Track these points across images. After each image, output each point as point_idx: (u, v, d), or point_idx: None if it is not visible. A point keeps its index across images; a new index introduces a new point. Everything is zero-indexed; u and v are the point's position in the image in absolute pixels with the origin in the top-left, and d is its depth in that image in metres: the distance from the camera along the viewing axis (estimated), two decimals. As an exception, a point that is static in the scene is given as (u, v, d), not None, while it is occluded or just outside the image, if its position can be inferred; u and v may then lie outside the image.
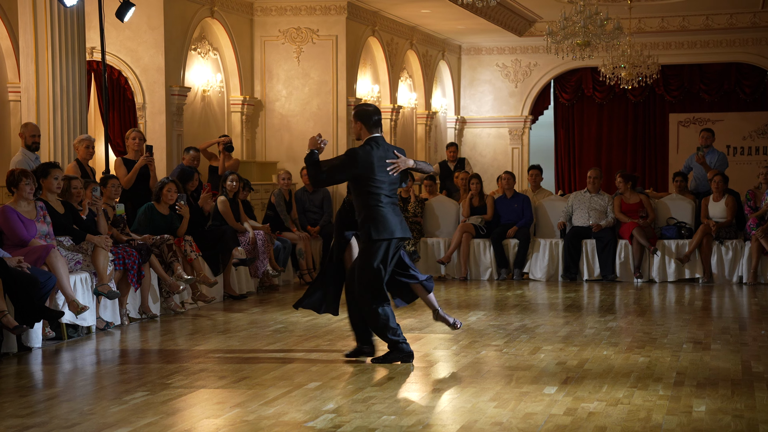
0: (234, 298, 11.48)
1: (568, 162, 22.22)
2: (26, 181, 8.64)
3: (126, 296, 9.62)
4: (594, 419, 5.76)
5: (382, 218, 7.37)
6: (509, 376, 7.02)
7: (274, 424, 5.67)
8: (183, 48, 14.39)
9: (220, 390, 6.61)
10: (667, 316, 10.29)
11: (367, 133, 7.52)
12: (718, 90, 21.04)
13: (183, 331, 9.33)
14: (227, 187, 12.10)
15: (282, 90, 16.35)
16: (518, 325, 9.44)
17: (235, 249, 11.53)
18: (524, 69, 21.60)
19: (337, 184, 7.84)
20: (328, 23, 16.17)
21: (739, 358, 7.70)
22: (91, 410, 6.05)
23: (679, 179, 14.16)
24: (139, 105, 14.09)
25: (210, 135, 15.06)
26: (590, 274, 13.35)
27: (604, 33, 15.00)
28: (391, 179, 7.47)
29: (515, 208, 13.81)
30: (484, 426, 5.63)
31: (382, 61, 18.22)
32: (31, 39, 10.93)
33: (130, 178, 11.37)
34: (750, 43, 20.22)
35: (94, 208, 9.61)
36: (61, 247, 8.98)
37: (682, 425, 5.63)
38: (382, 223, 7.36)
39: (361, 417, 5.83)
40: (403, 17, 18.23)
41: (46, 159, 10.70)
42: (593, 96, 21.79)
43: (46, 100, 10.96)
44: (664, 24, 20.22)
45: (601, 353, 7.87)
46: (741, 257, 12.97)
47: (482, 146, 21.98)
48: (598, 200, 13.56)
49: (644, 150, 21.78)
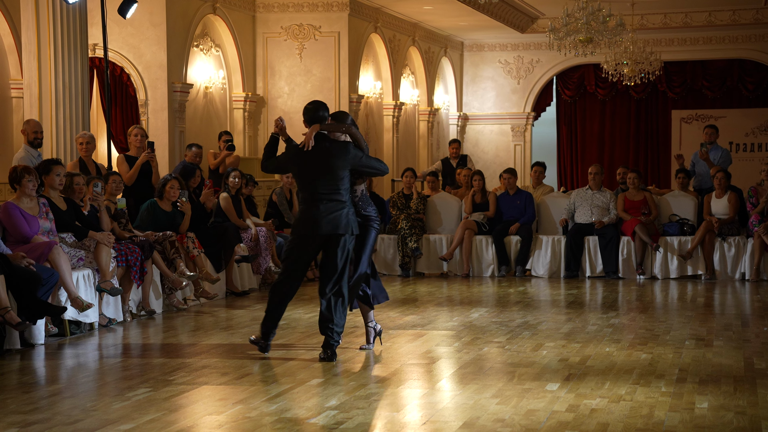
0: (236, 295, 11.49)
1: (571, 159, 22.21)
2: (29, 177, 8.64)
3: (128, 293, 9.63)
4: (596, 416, 5.76)
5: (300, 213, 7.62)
6: (511, 372, 7.02)
7: (277, 420, 5.68)
8: (185, 44, 14.39)
9: (223, 386, 6.61)
10: (670, 313, 10.28)
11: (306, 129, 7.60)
12: (720, 86, 21.03)
13: (185, 328, 9.34)
14: (229, 184, 12.09)
15: (284, 87, 16.35)
16: (520, 321, 9.44)
17: (238, 246, 11.53)
18: (527, 65, 21.60)
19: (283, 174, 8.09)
20: (331, 20, 16.17)
21: (742, 354, 7.70)
22: (94, 407, 6.05)
23: (682, 176, 14.15)
24: (142, 102, 14.10)
25: (212, 131, 15.06)
26: (593, 270, 13.34)
27: (606, 29, 14.99)
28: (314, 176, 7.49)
29: (517, 204, 13.80)
30: (486, 423, 5.63)
31: (384, 57, 18.21)
32: (33, 36, 10.94)
33: (132, 175, 11.37)
34: (753, 39, 20.20)
35: (95, 204, 9.61)
36: (64, 243, 8.98)
37: (685, 422, 5.63)
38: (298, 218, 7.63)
39: (364, 413, 5.83)
40: (405, 14, 18.22)
41: (48, 156, 10.71)
42: (596, 93, 21.78)
43: (48, 96, 10.96)
44: (666, 20, 20.21)
45: (604, 350, 7.87)
46: (743, 254, 12.96)
47: (485, 143, 21.98)
48: (600, 197, 13.55)
49: (647, 147, 21.78)
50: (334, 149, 7.49)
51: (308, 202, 7.52)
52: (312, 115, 7.56)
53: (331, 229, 7.44)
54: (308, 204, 7.52)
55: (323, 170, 7.47)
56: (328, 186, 7.47)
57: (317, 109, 7.57)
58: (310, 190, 7.51)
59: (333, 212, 7.45)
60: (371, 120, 17.93)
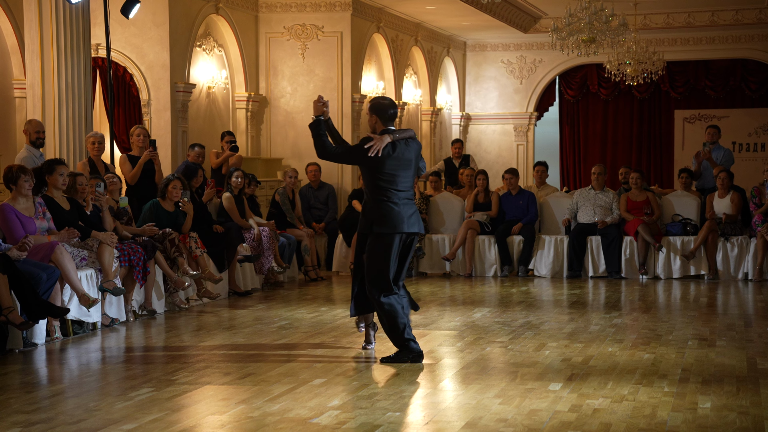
0: (239, 295, 11.49)
1: (573, 159, 22.20)
2: (25, 177, 8.60)
3: (131, 293, 9.63)
4: (599, 416, 5.76)
5: (387, 212, 7.35)
6: (514, 372, 7.02)
7: (279, 420, 5.68)
8: (188, 44, 14.39)
9: (225, 386, 6.62)
10: (673, 313, 10.28)
11: (382, 126, 7.49)
12: (723, 86, 21.00)
13: (188, 328, 9.34)
14: (232, 184, 12.10)
15: (287, 86, 16.35)
16: (523, 321, 9.43)
17: (240, 246, 11.54)
18: (529, 65, 21.58)
19: (342, 164, 7.78)
20: (333, 20, 16.17)
21: (745, 354, 7.69)
22: (97, 406, 6.05)
23: (685, 176, 14.14)
24: (144, 102, 14.11)
25: (215, 131, 15.07)
26: (595, 270, 13.34)
27: (609, 29, 14.98)
28: (404, 173, 7.40)
29: (520, 204, 13.80)
30: (488, 422, 5.62)
31: (386, 57, 18.21)
32: (36, 36, 10.94)
33: (135, 174, 11.39)
34: (756, 39, 20.18)
35: (98, 203, 9.61)
36: (66, 243, 8.98)
37: (687, 422, 5.63)
38: (387, 216, 7.34)
39: (366, 413, 5.83)
40: (408, 14, 18.22)
41: (51, 155, 10.71)
42: (598, 92, 21.76)
43: (51, 96, 10.97)
44: (669, 20, 20.19)
45: (606, 350, 7.87)
46: (746, 254, 12.95)
47: (487, 143, 21.97)
48: (603, 197, 13.55)
49: (649, 146, 21.76)
50: (415, 146, 7.51)
51: (394, 201, 7.37)
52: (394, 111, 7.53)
53: (417, 228, 7.47)
54: (395, 202, 7.37)
55: (408, 167, 7.44)
56: (409, 183, 7.48)
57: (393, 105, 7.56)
58: (395, 187, 7.39)
59: (415, 210, 7.52)
60: (374, 120, 17.93)
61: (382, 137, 7.35)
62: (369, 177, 7.40)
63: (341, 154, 7.51)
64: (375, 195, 7.37)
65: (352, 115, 16.22)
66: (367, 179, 7.44)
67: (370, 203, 7.42)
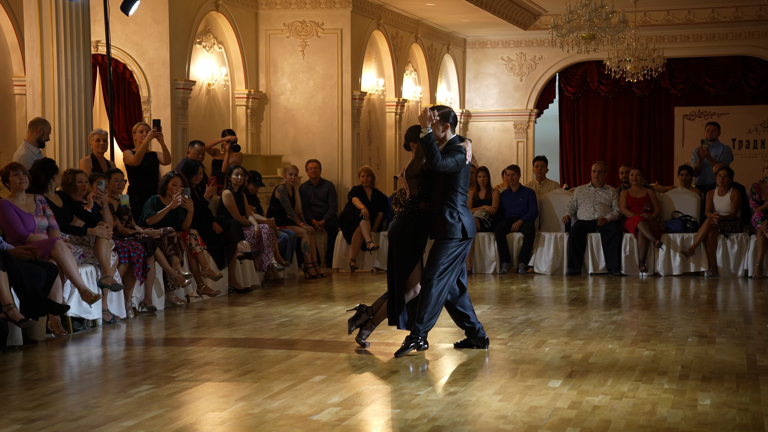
0: (239, 292, 11.49)
1: (573, 155, 22.19)
2: (14, 173, 8.61)
3: (131, 290, 9.64)
4: (599, 413, 5.76)
5: (459, 218, 7.50)
6: (514, 369, 7.02)
7: (279, 417, 5.68)
8: (188, 41, 14.39)
9: (225, 383, 6.62)
10: (672, 310, 10.28)
11: (452, 134, 7.59)
12: (723, 83, 20.99)
13: (188, 325, 9.34)
14: (232, 181, 12.10)
15: (287, 83, 16.34)
16: (523, 318, 9.44)
17: (240, 242, 11.54)
18: (529, 62, 21.57)
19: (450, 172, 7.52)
20: (333, 17, 16.16)
21: (744, 351, 7.70)
22: (97, 403, 6.06)
23: (684, 173, 14.13)
24: (144, 98, 14.10)
25: (215, 129, 15.07)
26: (595, 267, 13.34)
27: (609, 26, 14.97)
28: (466, 180, 7.56)
29: (520, 201, 13.80)
30: (488, 419, 5.63)
31: (386, 54, 18.20)
32: (36, 33, 10.93)
33: (139, 155, 11.49)
34: (756, 36, 20.17)
35: (99, 201, 9.61)
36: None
37: (687, 419, 5.63)
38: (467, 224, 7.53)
39: (366, 410, 5.83)
40: (407, 11, 18.21)
41: (52, 152, 10.71)
42: (598, 89, 21.75)
43: (51, 93, 10.96)
44: (669, 17, 20.18)
45: (606, 347, 7.87)
46: (746, 251, 12.95)
47: (487, 140, 21.97)
48: (603, 194, 13.55)
49: (649, 143, 21.76)
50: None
51: (465, 207, 7.62)
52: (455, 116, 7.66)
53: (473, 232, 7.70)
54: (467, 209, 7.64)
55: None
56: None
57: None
58: (465, 195, 7.62)
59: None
60: (374, 117, 17.92)
61: (466, 143, 7.52)
62: (451, 184, 7.48)
63: (454, 165, 7.43)
64: (452, 202, 7.48)
65: (352, 112, 16.22)
66: (447, 186, 7.48)
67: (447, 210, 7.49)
